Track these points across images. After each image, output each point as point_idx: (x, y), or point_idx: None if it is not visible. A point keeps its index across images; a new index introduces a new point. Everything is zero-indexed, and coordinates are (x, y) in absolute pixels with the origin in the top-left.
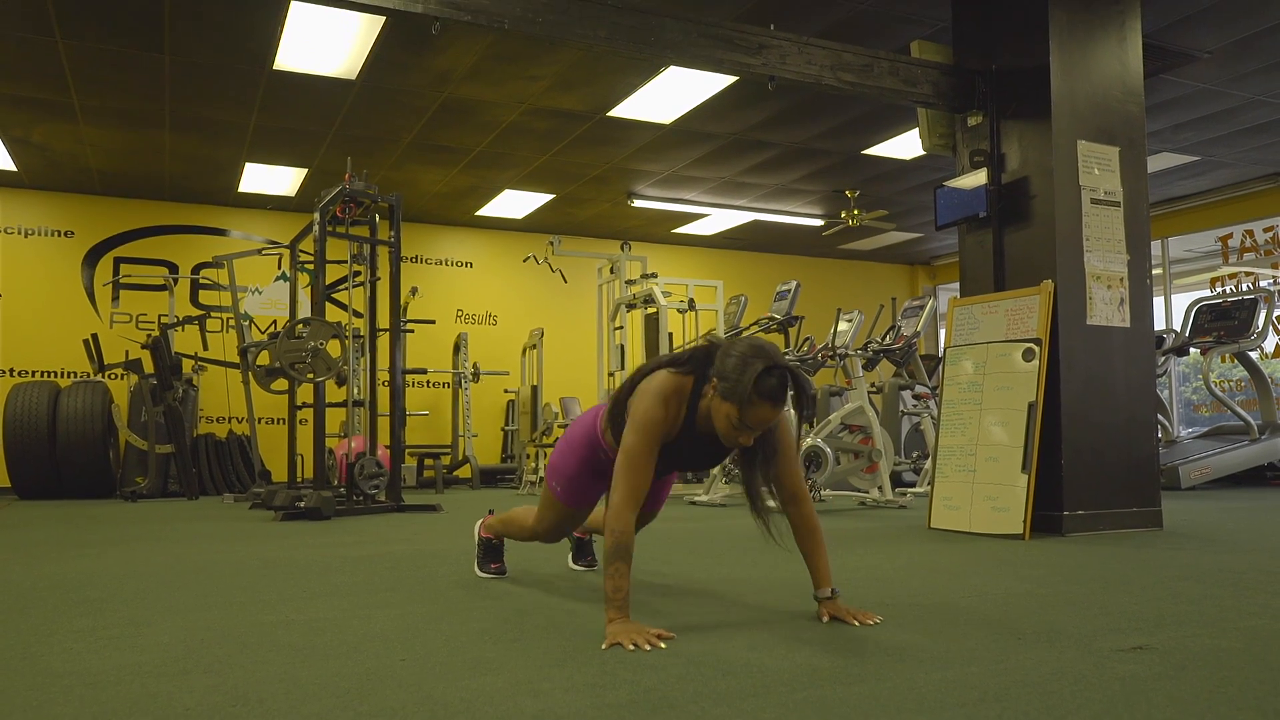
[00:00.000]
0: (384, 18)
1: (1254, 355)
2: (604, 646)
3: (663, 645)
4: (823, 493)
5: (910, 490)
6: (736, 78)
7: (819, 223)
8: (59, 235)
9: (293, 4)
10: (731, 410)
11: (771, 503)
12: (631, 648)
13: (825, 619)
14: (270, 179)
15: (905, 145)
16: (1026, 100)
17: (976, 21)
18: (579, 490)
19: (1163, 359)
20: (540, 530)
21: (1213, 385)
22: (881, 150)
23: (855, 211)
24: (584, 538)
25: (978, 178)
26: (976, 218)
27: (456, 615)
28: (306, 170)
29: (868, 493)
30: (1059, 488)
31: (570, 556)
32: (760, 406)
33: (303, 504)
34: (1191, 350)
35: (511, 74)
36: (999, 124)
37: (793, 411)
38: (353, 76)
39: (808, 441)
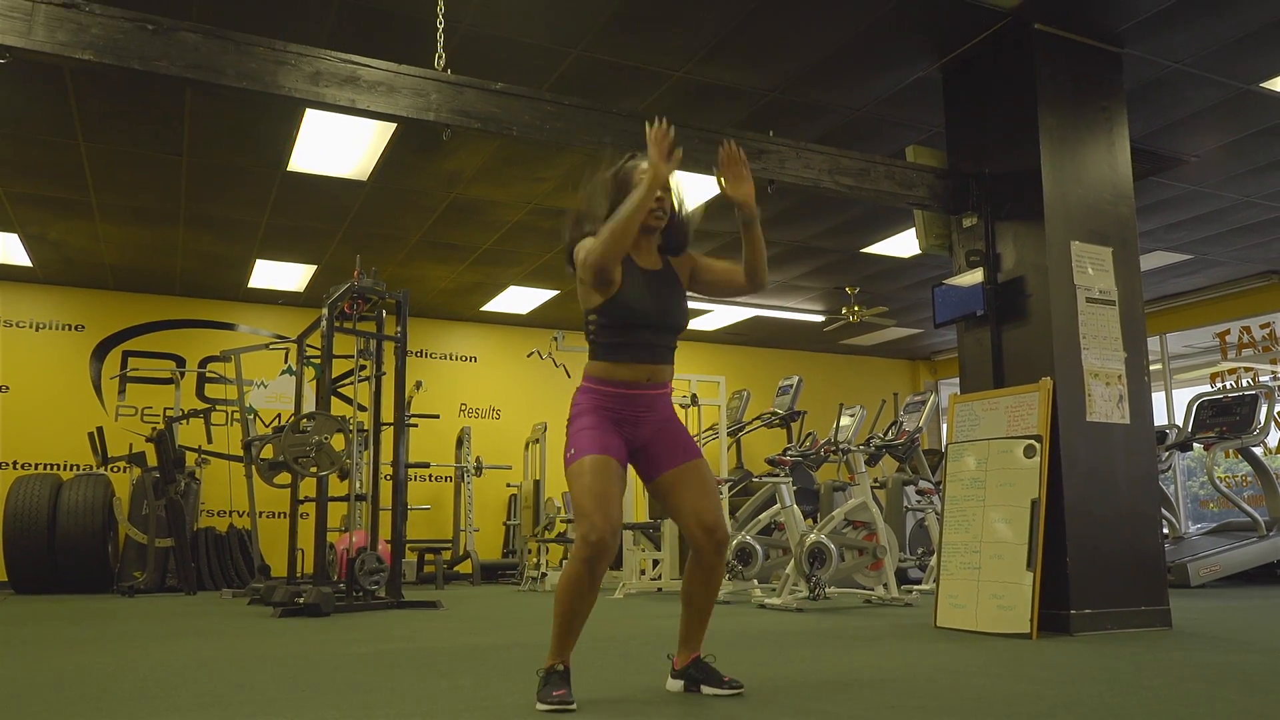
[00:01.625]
0: (396, 124)
1: (1258, 451)
2: (645, 171)
3: (679, 152)
4: (827, 590)
5: (916, 587)
6: None
7: (820, 318)
8: (69, 329)
9: (308, 110)
10: (650, 153)
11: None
12: (663, 152)
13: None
14: (280, 275)
15: (903, 244)
16: (1020, 202)
17: (969, 127)
18: (591, 437)
19: (1166, 454)
20: (589, 523)
21: (1218, 481)
22: (880, 249)
23: (856, 307)
24: (557, 666)
25: (974, 276)
26: (974, 315)
27: (458, 716)
28: (315, 267)
29: (873, 590)
30: (1065, 585)
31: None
32: (639, 163)
33: (302, 600)
34: (1195, 445)
35: (518, 176)
36: (994, 225)
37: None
38: (364, 178)
39: (811, 537)
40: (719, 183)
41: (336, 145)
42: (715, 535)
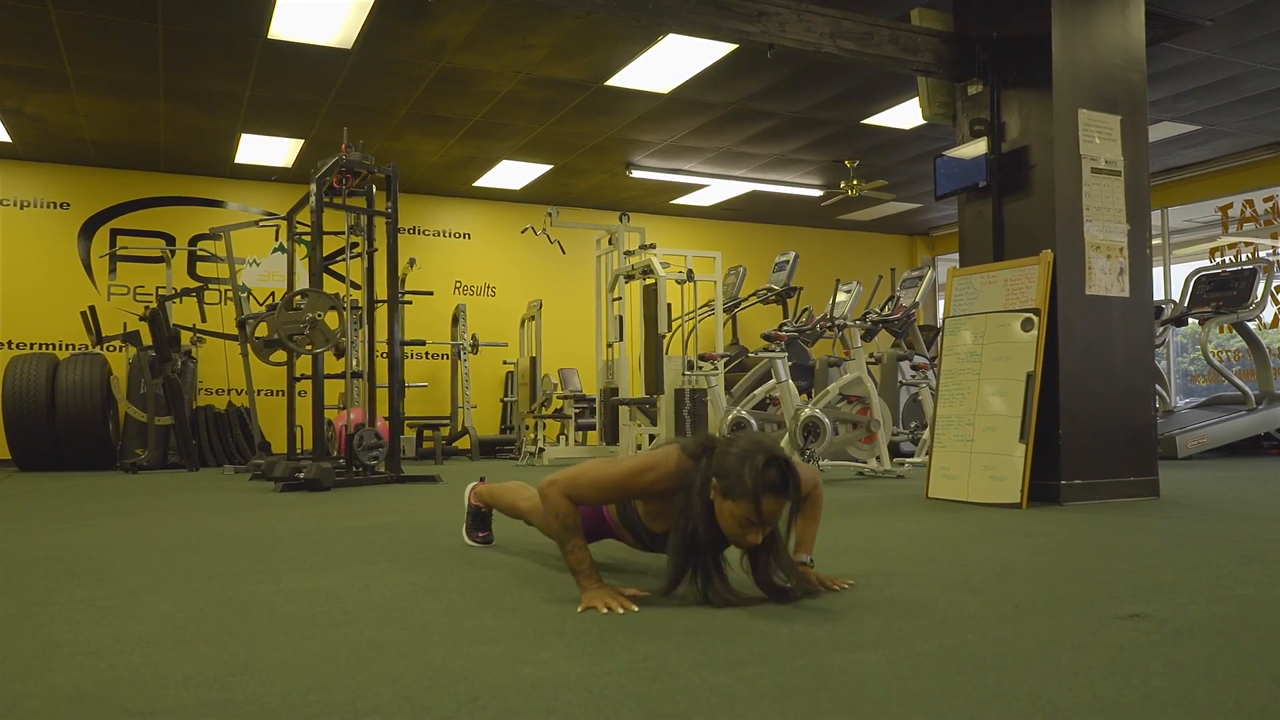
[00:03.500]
0: None
1: (1252, 325)
2: (580, 610)
3: (635, 609)
4: (821, 462)
5: (908, 460)
6: (735, 45)
7: (818, 193)
8: (55, 207)
9: None
10: (737, 508)
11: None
12: (605, 610)
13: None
14: (267, 150)
15: (905, 115)
16: (1027, 68)
17: None
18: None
19: (1161, 329)
20: (527, 517)
21: (1211, 355)
22: (881, 120)
23: (854, 182)
24: (483, 509)
25: (977, 147)
26: (976, 187)
27: (454, 584)
28: (303, 141)
29: (866, 463)
30: (1056, 457)
31: (465, 529)
32: (766, 499)
33: (302, 475)
34: (1190, 320)
35: (508, 43)
36: (999, 93)
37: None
38: (348, 46)
39: (806, 411)
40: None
41: (318, 9)
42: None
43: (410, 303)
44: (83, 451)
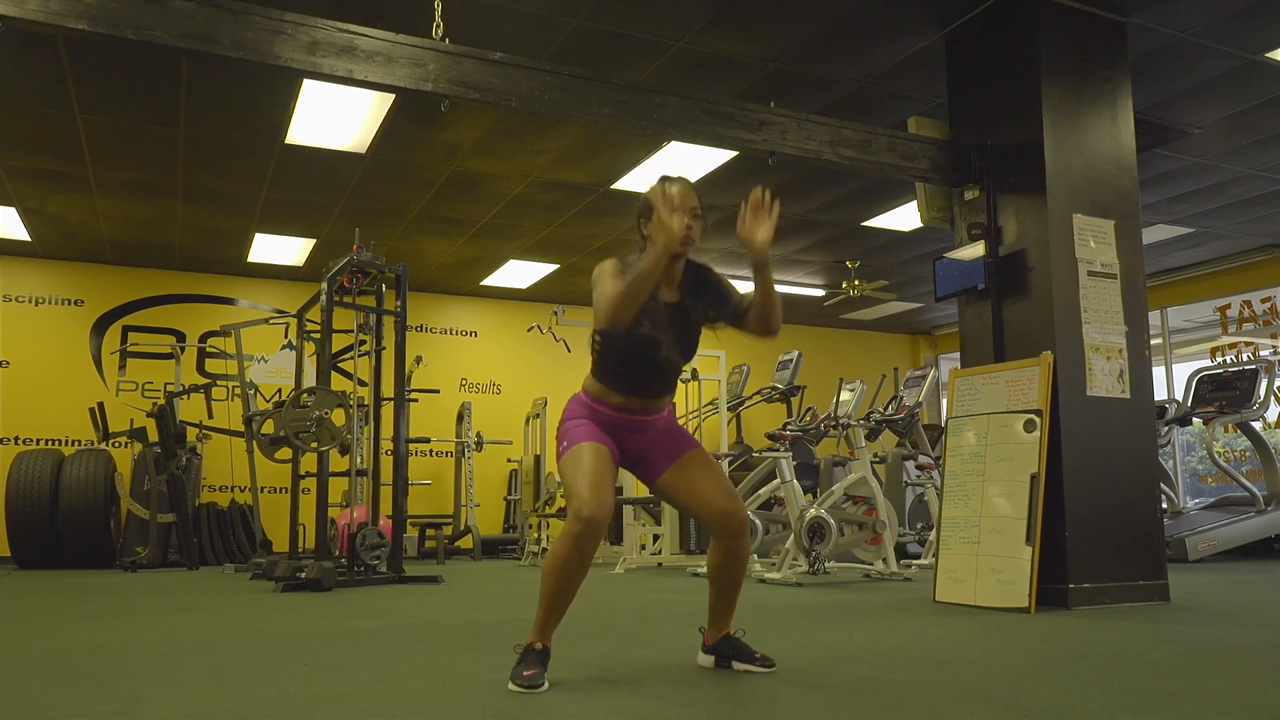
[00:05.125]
0: (394, 95)
1: (1257, 425)
2: (659, 246)
3: (695, 235)
4: (826, 565)
5: (915, 562)
6: (738, 153)
7: (820, 293)
8: (69, 304)
9: (306, 81)
10: (656, 215)
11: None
12: (671, 223)
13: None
14: (279, 249)
15: (904, 217)
16: (1022, 174)
17: (971, 98)
18: (583, 431)
19: (1165, 429)
20: (582, 505)
21: (1217, 456)
22: (881, 222)
23: (856, 282)
24: (535, 645)
25: (976, 250)
26: (975, 289)
27: (457, 691)
28: (315, 240)
29: (872, 565)
30: (1064, 560)
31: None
32: (672, 190)
33: (304, 575)
34: (1194, 420)
35: (517, 148)
36: (995, 197)
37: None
38: (363, 150)
39: (811, 512)
40: (739, 224)
41: (334, 117)
42: (733, 520)
43: (416, 400)
44: (83, 549)
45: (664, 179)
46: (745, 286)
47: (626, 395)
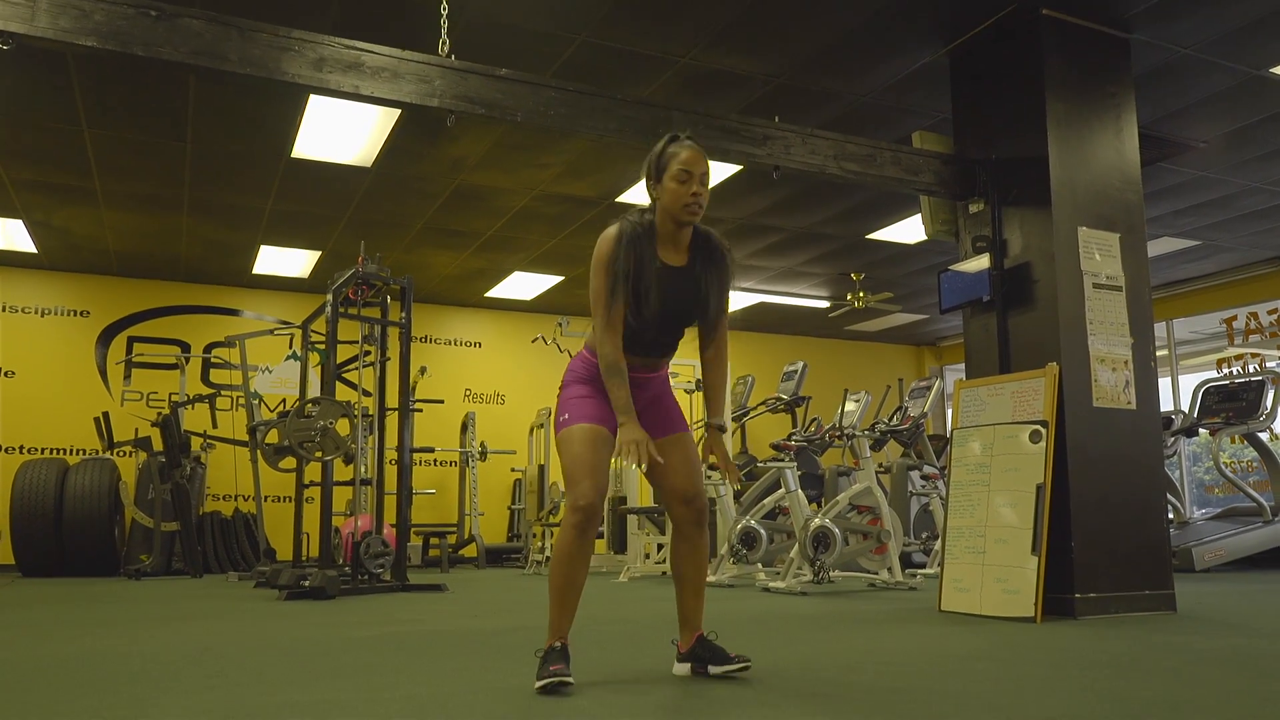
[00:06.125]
0: (400, 110)
1: (1264, 436)
2: (615, 455)
3: (659, 460)
4: (831, 574)
5: (920, 571)
6: (742, 167)
7: (825, 304)
8: (74, 315)
9: (312, 97)
10: (668, 178)
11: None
12: (629, 453)
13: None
14: (284, 261)
15: (909, 230)
16: (1027, 188)
17: (976, 113)
18: (583, 406)
19: (1172, 440)
20: (578, 489)
21: (1223, 467)
22: (886, 235)
23: (861, 294)
24: (556, 645)
25: (981, 262)
26: (980, 301)
27: (461, 696)
28: (320, 253)
29: (877, 574)
30: (1070, 570)
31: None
32: (679, 151)
33: (307, 583)
34: (1201, 431)
35: (523, 162)
36: (1000, 210)
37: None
38: (368, 164)
39: (816, 522)
40: (722, 464)
41: (340, 132)
42: (693, 505)
43: (420, 410)
44: (87, 557)
45: (673, 138)
46: (737, 297)
47: (627, 355)
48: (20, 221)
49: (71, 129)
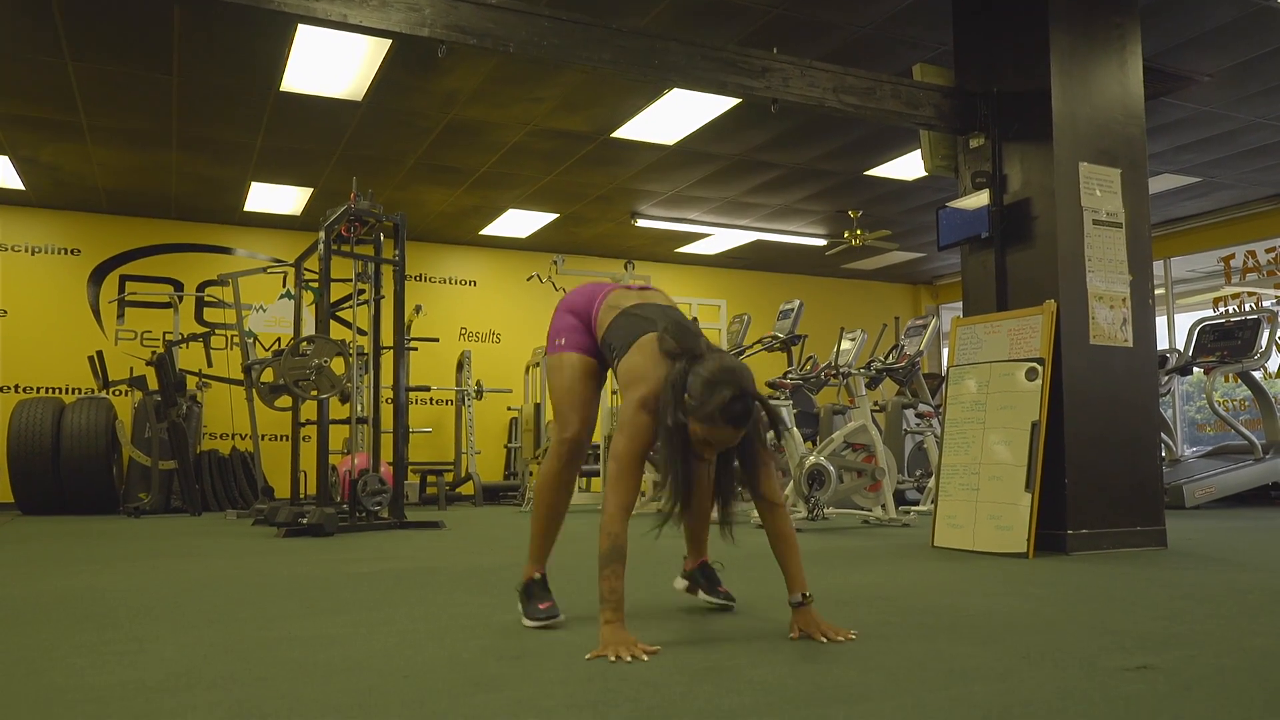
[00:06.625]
0: (390, 41)
1: (1258, 375)
2: (588, 657)
3: (645, 659)
4: (826, 511)
5: (914, 509)
6: (740, 100)
7: (822, 242)
8: (65, 253)
9: (300, 27)
10: (696, 427)
11: (751, 513)
12: (614, 659)
13: (795, 635)
14: (276, 198)
15: (908, 166)
16: (1028, 122)
17: (978, 45)
18: (576, 335)
19: (1166, 378)
20: (565, 425)
21: (1216, 405)
22: (884, 171)
23: (858, 231)
24: (535, 575)
25: (980, 199)
26: (979, 238)
27: (459, 631)
28: (312, 190)
29: (871, 511)
30: (1063, 506)
31: (522, 610)
32: (723, 429)
33: (306, 520)
34: (1195, 370)
35: (516, 96)
36: (1001, 146)
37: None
38: (359, 98)
39: (811, 460)
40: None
41: (330, 64)
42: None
43: (416, 349)
44: (86, 495)
45: (730, 409)
46: (733, 235)
47: None
48: (6, 158)
49: (55, 62)
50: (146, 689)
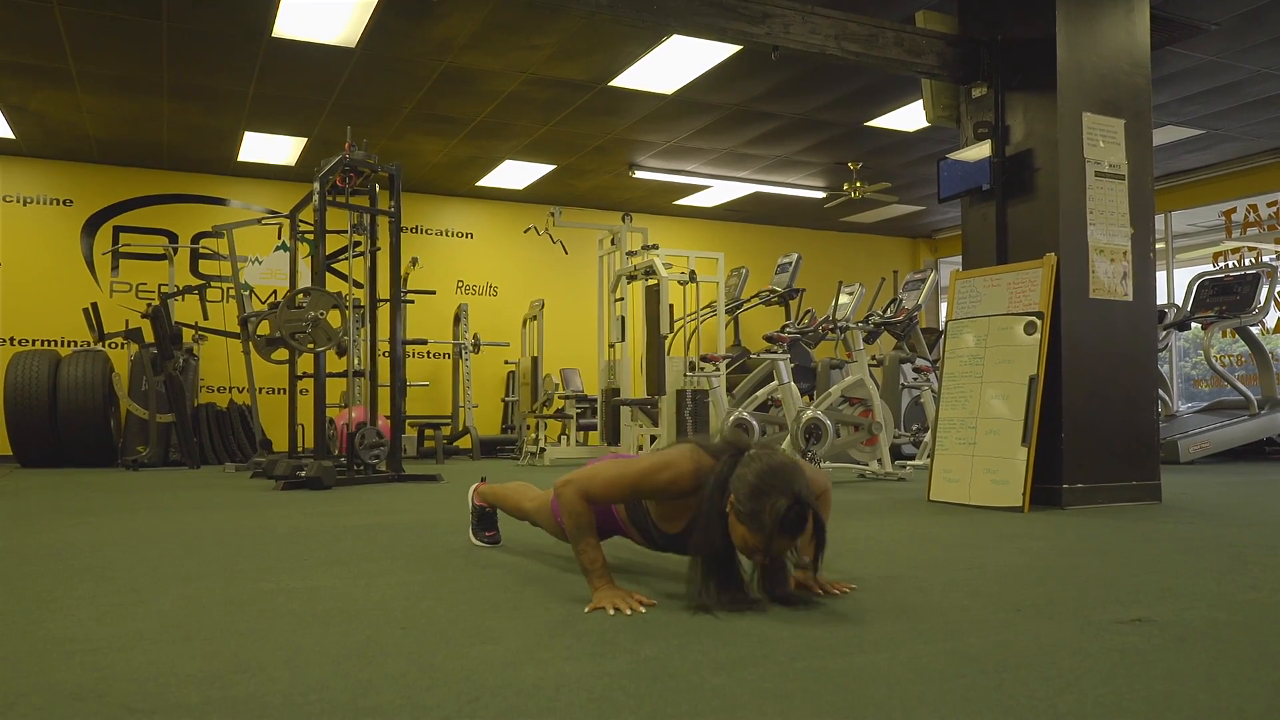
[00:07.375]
0: None
1: (1255, 330)
2: (587, 610)
3: (643, 610)
4: (822, 465)
5: (910, 463)
6: (739, 47)
7: (821, 195)
8: (58, 204)
9: None
10: (750, 537)
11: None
12: (613, 612)
13: (793, 587)
14: (270, 148)
15: (909, 117)
16: (1032, 72)
17: None
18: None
19: (1164, 333)
20: (532, 517)
21: (1213, 360)
22: (885, 122)
23: (858, 184)
24: (487, 508)
25: (981, 150)
26: (980, 190)
27: (456, 583)
28: (306, 140)
29: (867, 465)
30: (1059, 461)
31: (471, 530)
32: (784, 540)
33: (303, 473)
34: (1193, 325)
35: (512, 43)
36: (1003, 96)
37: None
38: (352, 45)
39: (808, 414)
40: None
41: (322, 9)
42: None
43: (412, 302)
44: (84, 448)
45: (787, 522)
46: (732, 187)
47: None
48: None
49: (41, 6)
50: (144, 640)
